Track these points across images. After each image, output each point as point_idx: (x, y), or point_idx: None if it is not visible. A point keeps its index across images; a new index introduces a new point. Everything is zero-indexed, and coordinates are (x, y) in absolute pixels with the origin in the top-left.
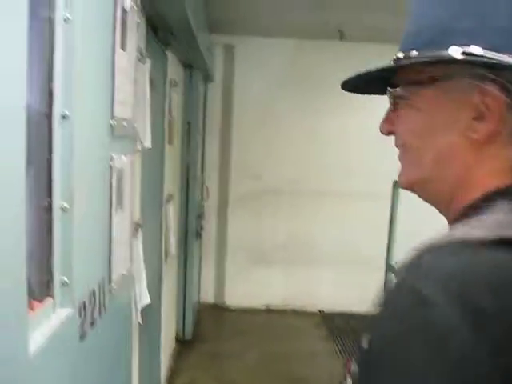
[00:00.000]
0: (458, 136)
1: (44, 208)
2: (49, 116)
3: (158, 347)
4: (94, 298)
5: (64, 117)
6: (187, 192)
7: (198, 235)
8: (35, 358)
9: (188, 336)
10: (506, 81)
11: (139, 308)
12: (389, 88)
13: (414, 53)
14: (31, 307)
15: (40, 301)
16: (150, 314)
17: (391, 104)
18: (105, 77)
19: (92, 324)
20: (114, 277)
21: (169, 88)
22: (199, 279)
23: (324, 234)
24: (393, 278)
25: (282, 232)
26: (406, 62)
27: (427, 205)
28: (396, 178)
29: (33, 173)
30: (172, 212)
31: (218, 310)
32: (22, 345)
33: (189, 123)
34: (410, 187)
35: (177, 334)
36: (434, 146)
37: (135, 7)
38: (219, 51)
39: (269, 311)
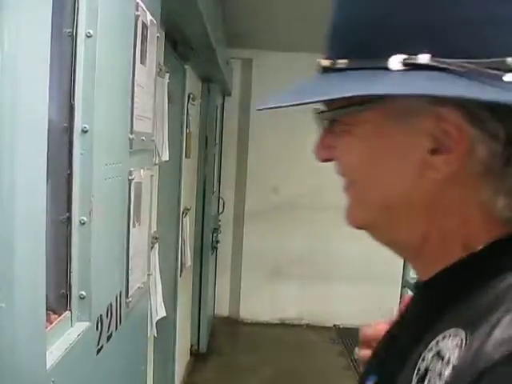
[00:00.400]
0: (411, 174)
1: (63, 222)
2: (69, 130)
3: (173, 360)
4: (111, 311)
5: (84, 131)
6: (203, 205)
7: (214, 248)
8: (52, 371)
9: (203, 349)
10: (472, 103)
11: (155, 321)
12: (315, 109)
13: (343, 61)
14: (49, 321)
15: (58, 314)
16: (165, 326)
17: (325, 125)
18: (124, 91)
19: (108, 337)
20: (131, 290)
21: (187, 102)
22: (214, 292)
23: (340, 248)
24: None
25: (298, 246)
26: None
27: None
28: None
29: (52, 186)
30: (188, 225)
31: (232, 324)
32: (40, 359)
33: (206, 136)
34: (359, 228)
35: (192, 347)
36: (381, 186)
37: (155, 22)
38: (237, 65)
39: (284, 325)
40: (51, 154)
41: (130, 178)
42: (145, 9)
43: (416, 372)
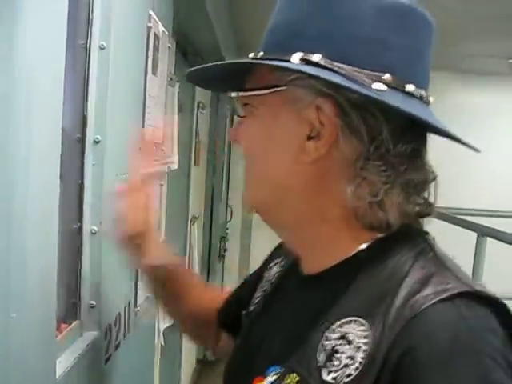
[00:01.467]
0: (291, 157)
1: (74, 231)
2: (82, 141)
3: (179, 367)
4: (120, 320)
5: (96, 142)
6: (211, 213)
7: (222, 256)
8: (62, 380)
9: (210, 357)
10: (342, 98)
11: (162, 329)
12: (231, 92)
13: (261, 54)
14: (59, 330)
15: (68, 323)
16: (172, 334)
17: (242, 109)
18: (136, 102)
19: (116, 346)
20: (140, 299)
21: (196, 110)
22: None
23: None
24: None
25: None
26: (245, 62)
27: (449, 229)
28: None
29: (64, 196)
30: (196, 233)
31: None
32: (50, 368)
33: (214, 145)
34: (254, 211)
35: (198, 354)
36: (269, 165)
37: (167, 33)
38: None
39: None
40: (64, 164)
41: None
42: (157, 20)
43: (321, 350)
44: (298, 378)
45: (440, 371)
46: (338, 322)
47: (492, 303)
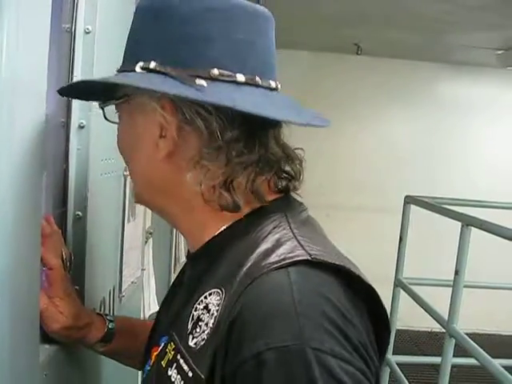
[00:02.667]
0: (150, 155)
1: (58, 216)
2: (66, 125)
3: None
4: (104, 306)
5: (81, 126)
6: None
7: None
8: (45, 365)
9: None
10: (178, 98)
11: (148, 315)
12: (99, 102)
13: (121, 64)
14: None
15: None
16: None
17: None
18: None
19: None
20: (125, 285)
21: None
22: None
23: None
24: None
25: None
26: (99, 79)
27: (436, 219)
28: (404, 194)
29: (49, 181)
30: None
31: None
32: (33, 353)
33: None
34: (141, 203)
35: None
36: (136, 164)
37: None
38: None
39: None
40: (48, 149)
41: (125, 173)
42: None
43: (190, 319)
44: (174, 346)
45: (259, 330)
46: (205, 294)
47: (335, 271)
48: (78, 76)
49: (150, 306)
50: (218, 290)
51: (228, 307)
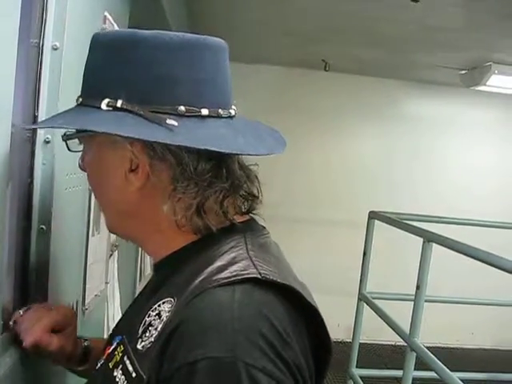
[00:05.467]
0: (120, 188)
1: (22, 229)
2: (32, 140)
3: None
4: None
5: (46, 141)
6: None
7: None
8: (5, 379)
9: None
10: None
11: (111, 328)
12: (63, 135)
13: (80, 100)
14: (4, 327)
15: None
16: None
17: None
18: None
19: None
20: (88, 298)
21: None
22: None
23: (291, 261)
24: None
25: None
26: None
27: (400, 234)
28: (371, 208)
29: (13, 195)
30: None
31: None
32: None
33: None
34: (114, 233)
35: None
36: (107, 197)
37: None
38: None
39: None
40: (13, 163)
41: (90, 188)
42: (112, 21)
43: (142, 324)
44: (122, 348)
45: (196, 341)
46: (159, 302)
47: (282, 290)
48: (44, 91)
49: (115, 318)
50: (171, 299)
51: (174, 314)
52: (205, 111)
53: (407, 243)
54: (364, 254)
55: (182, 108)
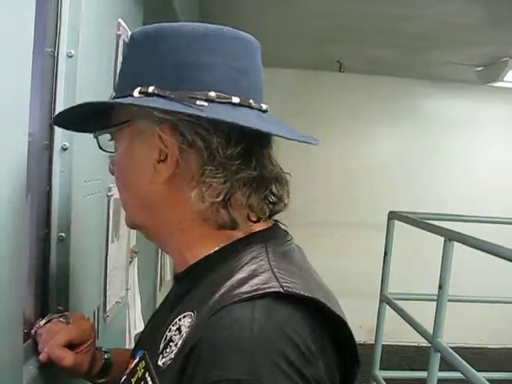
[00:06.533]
0: (148, 179)
1: (41, 238)
2: (49, 148)
3: None
4: None
5: (64, 148)
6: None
7: None
8: None
9: None
10: (176, 119)
11: (133, 335)
12: (95, 131)
13: (113, 95)
14: (26, 336)
15: None
16: None
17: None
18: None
19: None
20: (109, 305)
21: None
22: None
23: (314, 263)
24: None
25: None
26: (100, 102)
27: (420, 234)
28: (391, 209)
29: (32, 203)
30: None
31: None
32: (16, 375)
33: None
34: (133, 228)
35: None
36: (133, 191)
37: None
38: None
39: None
40: (31, 171)
41: (108, 194)
42: (126, 28)
43: (163, 339)
44: (144, 364)
45: (215, 361)
46: (180, 316)
47: (305, 303)
48: (60, 99)
49: (136, 325)
50: (191, 313)
51: (194, 331)
52: (235, 99)
53: (427, 243)
54: (385, 254)
55: (213, 93)
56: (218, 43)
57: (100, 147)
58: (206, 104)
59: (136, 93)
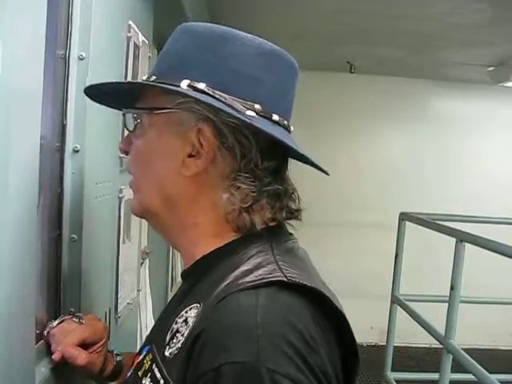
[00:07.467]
0: (174, 170)
1: (53, 239)
2: (61, 150)
3: None
4: None
5: (75, 150)
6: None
7: None
8: None
9: None
10: (220, 121)
11: (145, 336)
12: (123, 108)
13: (153, 78)
14: (39, 337)
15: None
16: None
17: (133, 125)
18: (115, 111)
19: None
20: (120, 306)
21: None
22: None
23: (324, 264)
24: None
25: None
26: (140, 82)
27: (431, 235)
28: (403, 210)
29: (44, 204)
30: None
31: None
32: (29, 376)
33: None
34: (140, 215)
35: None
36: (154, 178)
37: (147, 42)
38: None
39: None
40: (43, 173)
41: (120, 195)
42: (137, 30)
43: (170, 332)
44: (151, 357)
45: (220, 346)
46: (186, 308)
47: (309, 293)
48: (72, 101)
49: (148, 326)
50: (197, 304)
51: (200, 319)
52: (275, 117)
53: (439, 244)
54: (396, 255)
55: (258, 107)
56: (277, 64)
57: (125, 125)
58: (255, 115)
59: (184, 85)
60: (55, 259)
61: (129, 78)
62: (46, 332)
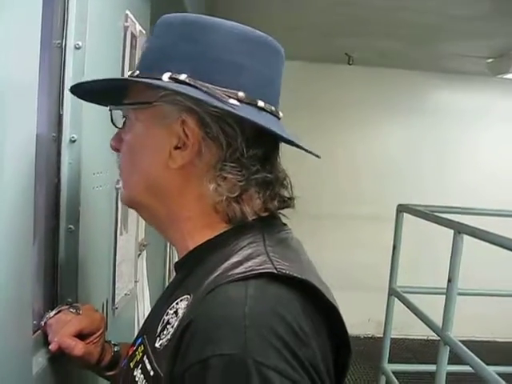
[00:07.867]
0: (161, 163)
1: (50, 230)
2: (58, 140)
3: None
4: None
5: (72, 141)
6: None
7: None
8: (38, 377)
9: None
10: (203, 111)
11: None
12: (110, 105)
13: (137, 73)
14: (36, 327)
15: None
16: None
17: (122, 121)
18: None
19: None
20: (118, 297)
21: None
22: None
23: (321, 257)
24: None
25: None
26: (122, 79)
27: (429, 227)
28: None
29: (40, 195)
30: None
31: None
32: (26, 365)
33: None
34: (129, 206)
35: None
36: (141, 170)
37: (144, 32)
38: None
39: None
40: (40, 163)
41: (117, 186)
42: (134, 19)
43: (161, 323)
44: (142, 348)
45: (208, 338)
46: (177, 300)
47: (299, 285)
48: (68, 91)
49: (145, 317)
50: (188, 296)
51: (189, 311)
52: (261, 103)
53: (436, 236)
54: (394, 247)
55: (242, 94)
56: (261, 51)
57: (112, 121)
58: (238, 104)
59: (165, 77)
60: (52, 249)
61: (126, 68)
62: (43, 322)
